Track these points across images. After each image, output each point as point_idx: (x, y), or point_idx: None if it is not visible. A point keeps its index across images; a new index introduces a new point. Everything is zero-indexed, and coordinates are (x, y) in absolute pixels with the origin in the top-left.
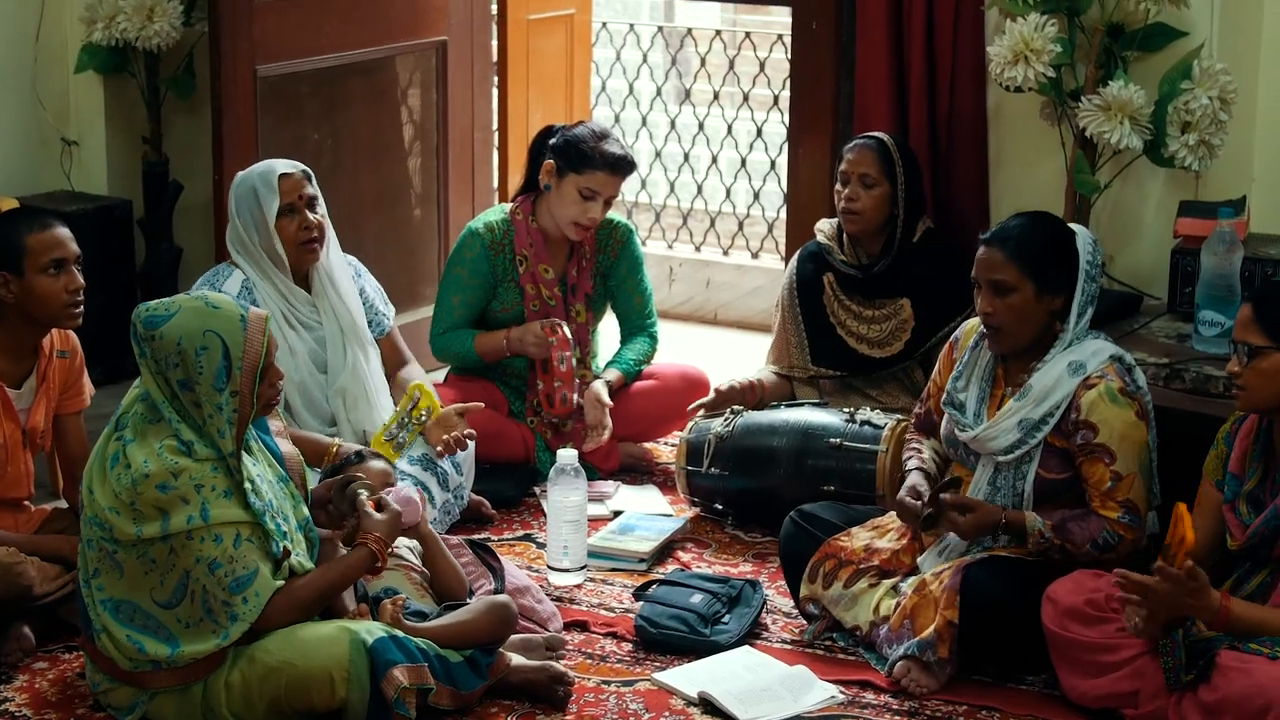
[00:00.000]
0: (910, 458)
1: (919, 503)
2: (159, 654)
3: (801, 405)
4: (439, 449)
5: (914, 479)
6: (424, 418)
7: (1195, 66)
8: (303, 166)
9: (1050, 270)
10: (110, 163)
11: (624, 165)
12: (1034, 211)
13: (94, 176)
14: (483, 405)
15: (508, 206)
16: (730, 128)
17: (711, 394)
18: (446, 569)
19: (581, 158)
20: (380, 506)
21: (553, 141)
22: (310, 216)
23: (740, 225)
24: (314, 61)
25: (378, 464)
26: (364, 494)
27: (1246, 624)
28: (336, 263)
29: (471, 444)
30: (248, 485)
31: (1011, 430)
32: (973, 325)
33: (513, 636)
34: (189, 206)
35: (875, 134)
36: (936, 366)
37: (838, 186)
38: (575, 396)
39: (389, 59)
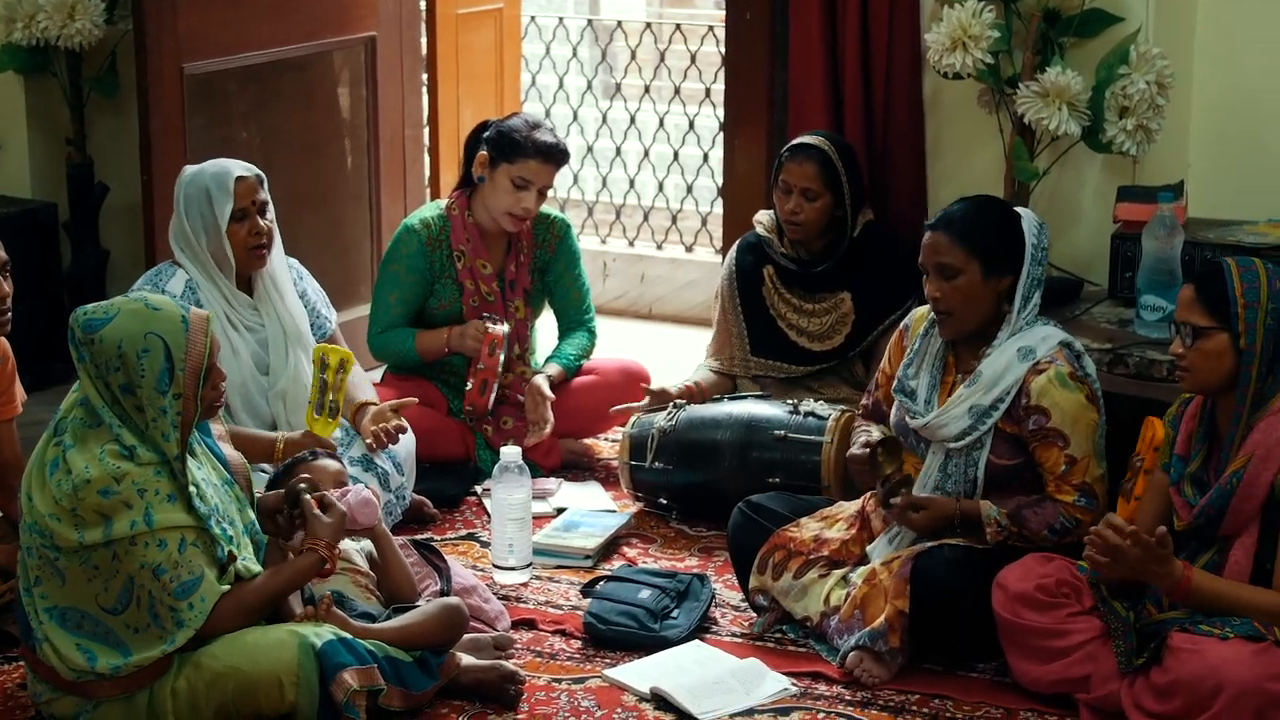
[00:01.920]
0: (859, 435)
1: (866, 450)
2: (109, 663)
3: (744, 398)
4: (369, 442)
5: (864, 437)
6: (341, 372)
7: (1132, 51)
8: (257, 170)
9: (996, 250)
10: (33, 165)
11: (556, 153)
12: (978, 195)
13: (17, 179)
14: (416, 400)
15: (443, 202)
16: (662, 121)
17: (645, 399)
18: (398, 570)
19: (513, 146)
20: (325, 507)
21: (486, 134)
22: (262, 223)
23: (674, 219)
24: (242, 59)
25: (331, 464)
26: (307, 495)
27: (1206, 594)
28: (279, 266)
29: (412, 443)
30: (192, 489)
31: (962, 417)
32: (923, 312)
33: None
34: (115, 208)
35: (814, 141)
36: (886, 354)
37: (779, 193)
38: (491, 399)
39: (318, 55)
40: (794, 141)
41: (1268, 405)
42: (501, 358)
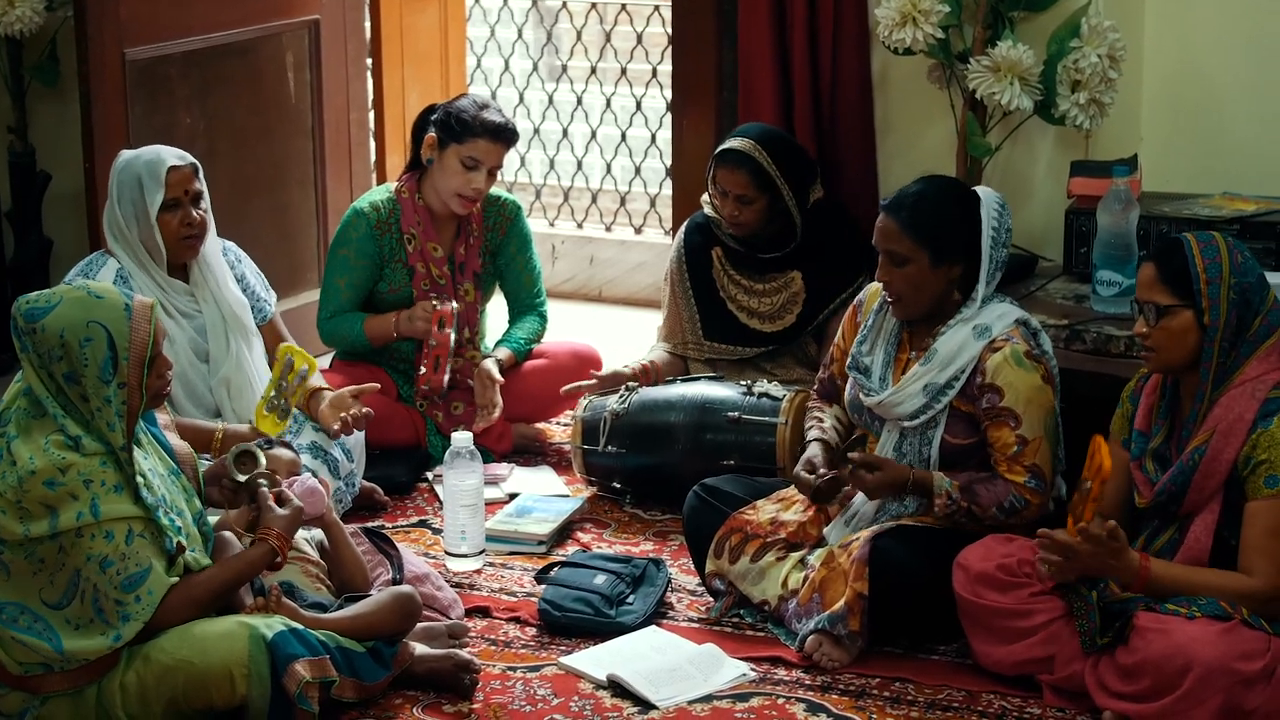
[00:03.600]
0: (811, 427)
1: (812, 477)
2: (45, 654)
3: (697, 379)
4: (336, 427)
5: (812, 450)
6: (303, 375)
7: (1083, 25)
8: (192, 159)
9: (946, 240)
10: None
11: (505, 133)
12: (935, 176)
13: None
14: (378, 386)
15: (392, 185)
16: (609, 102)
17: (605, 371)
18: (350, 560)
19: (462, 127)
20: (281, 501)
21: (434, 116)
22: (194, 213)
23: (622, 201)
24: (184, 43)
25: (285, 453)
26: (265, 486)
27: (1164, 583)
28: (214, 252)
29: (362, 431)
30: (139, 479)
31: (917, 395)
32: (876, 288)
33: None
34: (58, 197)
35: (743, 147)
36: (840, 330)
37: (716, 193)
38: (446, 377)
39: (261, 39)
40: (723, 146)
41: (1230, 380)
42: (452, 335)
